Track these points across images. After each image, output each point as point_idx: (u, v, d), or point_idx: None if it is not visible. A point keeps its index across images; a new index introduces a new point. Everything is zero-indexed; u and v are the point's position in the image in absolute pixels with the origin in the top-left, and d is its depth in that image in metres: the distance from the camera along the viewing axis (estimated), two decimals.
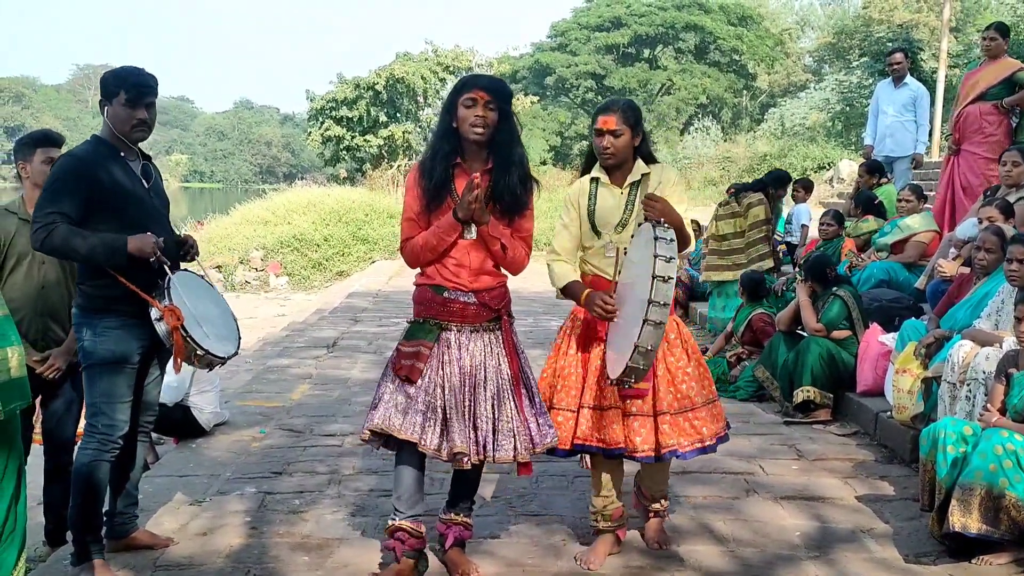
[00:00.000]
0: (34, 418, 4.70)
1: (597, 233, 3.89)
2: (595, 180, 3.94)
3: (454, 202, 3.60)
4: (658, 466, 4.04)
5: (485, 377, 3.62)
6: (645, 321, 3.34)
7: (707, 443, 3.91)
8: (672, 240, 3.44)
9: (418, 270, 3.77)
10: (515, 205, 3.66)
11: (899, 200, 8.39)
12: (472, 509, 3.95)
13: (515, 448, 3.61)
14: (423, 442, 3.56)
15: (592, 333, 3.91)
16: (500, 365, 3.66)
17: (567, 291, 3.86)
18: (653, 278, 3.33)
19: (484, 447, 3.59)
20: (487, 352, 3.65)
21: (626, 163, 3.88)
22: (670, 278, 3.35)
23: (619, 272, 3.77)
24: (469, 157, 3.66)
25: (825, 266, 6.85)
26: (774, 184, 9.49)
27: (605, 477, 3.99)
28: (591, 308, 3.71)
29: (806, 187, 11.64)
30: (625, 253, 3.79)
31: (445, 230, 3.59)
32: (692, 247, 3.88)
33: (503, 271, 3.76)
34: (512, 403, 3.64)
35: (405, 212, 3.70)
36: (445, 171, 3.62)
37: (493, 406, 3.61)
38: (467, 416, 3.58)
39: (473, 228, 3.61)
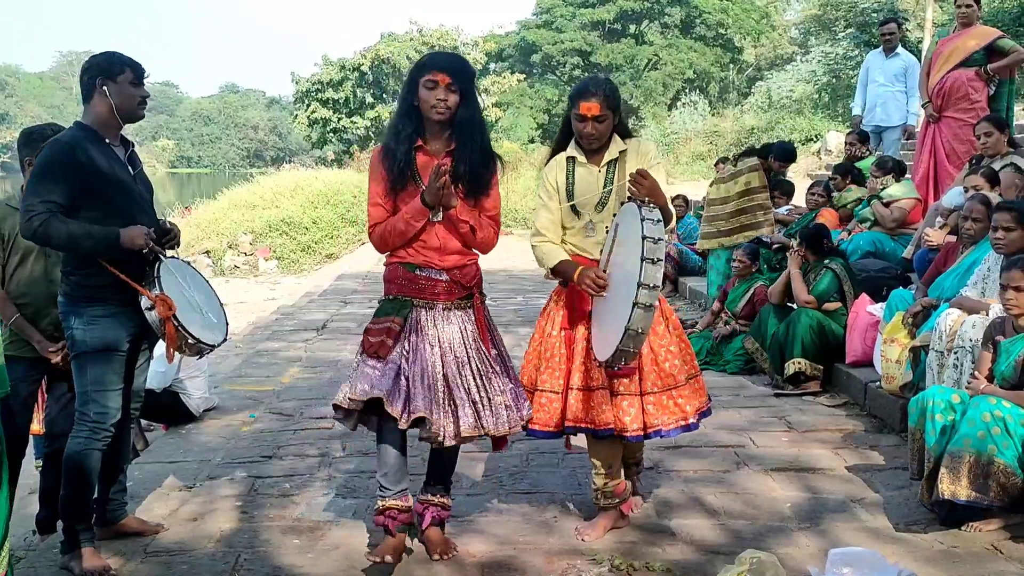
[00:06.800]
0: (36, 408, 4.67)
1: (577, 213, 3.83)
2: (571, 159, 3.87)
3: (417, 184, 3.57)
4: (637, 443, 4.02)
5: (467, 355, 3.60)
6: (635, 304, 3.30)
7: (690, 420, 3.89)
8: (659, 220, 3.40)
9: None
10: (479, 185, 3.63)
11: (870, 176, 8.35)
12: (449, 490, 3.89)
13: (508, 420, 3.61)
14: (389, 402, 3.47)
15: (576, 312, 3.87)
16: (479, 342, 3.65)
17: (558, 270, 3.82)
18: (642, 260, 3.28)
19: (468, 423, 3.54)
20: (463, 331, 3.63)
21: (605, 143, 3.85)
22: (659, 260, 3.31)
23: (609, 251, 3.70)
24: (431, 137, 3.63)
25: (822, 236, 6.84)
26: (778, 155, 8.93)
27: (603, 456, 3.92)
28: (583, 284, 3.66)
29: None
30: (607, 232, 3.75)
31: (413, 215, 3.55)
32: (674, 223, 3.78)
33: (473, 250, 3.74)
34: (499, 377, 3.65)
35: (371, 198, 3.66)
36: (407, 153, 3.59)
37: (479, 383, 3.59)
38: (441, 392, 3.54)
39: (440, 211, 3.58)
